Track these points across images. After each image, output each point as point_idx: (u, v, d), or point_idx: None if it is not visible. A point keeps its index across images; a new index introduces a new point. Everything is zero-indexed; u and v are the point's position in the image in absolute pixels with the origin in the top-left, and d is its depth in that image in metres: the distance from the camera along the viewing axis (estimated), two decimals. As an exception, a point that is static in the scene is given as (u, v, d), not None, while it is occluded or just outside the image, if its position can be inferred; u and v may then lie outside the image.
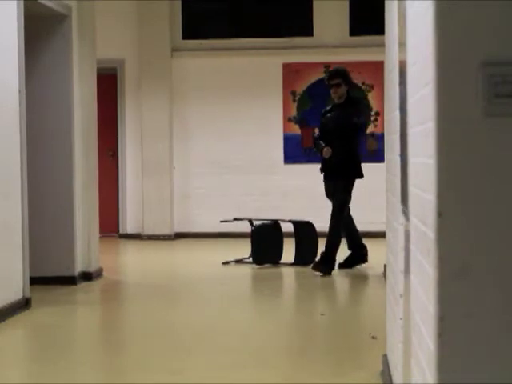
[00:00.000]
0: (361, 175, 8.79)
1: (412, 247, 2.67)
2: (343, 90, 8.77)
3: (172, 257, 10.85)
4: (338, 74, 8.80)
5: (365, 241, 11.23)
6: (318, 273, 8.30)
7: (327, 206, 11.98)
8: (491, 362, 1.97)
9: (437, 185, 1.99)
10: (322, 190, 12.42)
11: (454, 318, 1.97)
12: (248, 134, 12.27)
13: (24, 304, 6.76)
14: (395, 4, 3.69)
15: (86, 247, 8.35)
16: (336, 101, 8.86)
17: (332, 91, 8.82)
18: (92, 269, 8.38)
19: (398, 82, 3.50)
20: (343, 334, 5.90)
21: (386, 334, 4.49)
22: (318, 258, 8.62)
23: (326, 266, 8.40)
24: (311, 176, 12.04)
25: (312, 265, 8.48)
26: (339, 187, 8.73)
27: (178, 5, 12.43)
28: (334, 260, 8.48)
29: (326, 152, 8.66)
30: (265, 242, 9.19)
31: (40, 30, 7.98)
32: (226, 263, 9.36)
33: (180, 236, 12.33)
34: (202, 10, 12.52)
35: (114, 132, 12.57)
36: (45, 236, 7.91)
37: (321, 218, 10.99)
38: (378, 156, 11.68)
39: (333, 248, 8.47)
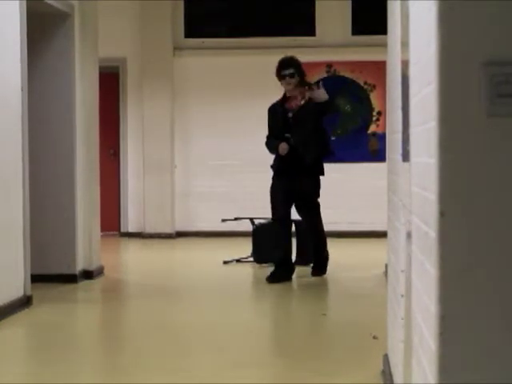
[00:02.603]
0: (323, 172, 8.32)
1: (413, 247, 2.67)
2: (296, 80, 8.13)
3: (173, 256, 10.86)
4: (291, 64, 8.16)
5: (366, 240, 11.27)
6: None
7: (328, 205, 12.00)
8: (492, 361, 1.97)
9: (439, 184, 1.99)
10: (323, 189, 12.45)
11: (455, 317, 1.97)
12: (249, 132, 12.26)
13: (25, 302, 6.77)
14: (397, 4, 3.69)
15: (88, 245, 8.35)
16: (288, 94, 8.22)
17: (284, 83, 8.16)
18: (93, 267, 8.38)
19: (400, 81, 3.50)
20: (344, 333, 5.90)
21: (387, 334, 4.49)
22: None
23: (323, 268, 8.35)
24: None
25: (312, 273, 8.36)
26: (312, 185, 8.20)
27: (180, 4, 12.44)
28: (327, 258, 8.41)
29: (283, 149, 7.98)
30: (266, 241, 9.18)
31: (42, 28, 7.98)
32: (226, 262, 9.37)
33: (181, 235, 12.33)
34: (204, 9, 12.53)
35: (115, 131, 12.57)
36: (46, 234, 7.91)
37: (322, 217, 10.99)
38: (379, 156, 11.68)
39: (325, 248, 8.39)
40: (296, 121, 8.10)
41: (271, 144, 8.21)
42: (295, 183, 8.10)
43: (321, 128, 8.28)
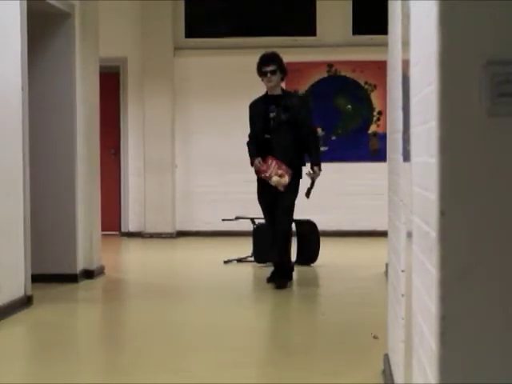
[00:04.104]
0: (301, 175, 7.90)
1: (414, 246, 2.67)
2: (278, 77, 7.83)
3: (174, 255, 10.86)
4: (274, 60, 7.82)
5: (367, 240, 11.28)
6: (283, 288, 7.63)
7: (329, 205, 12.01)
8: (493, 361, 1.97)
9: (439, 184, 1.99)
10: (323, 189, 12.44)
11: (455, 317, 1.97)
12: (250, 132, 12.26)
13: (25, 301, 6.77)
14: (398, 4, 3.69)
15: (88, 245, 8.35)
16: (269, 92, 7.89)
17: (266, 79, 7.81)
18: (94, 267, 8.38)
19: (400, 81, 3.50)
20: (344, 333, 5.90)
21: (388, 334, 4.49)
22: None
23: (287, 278, 7.80)
24: (313, 175, 12.04)
25: (276, 286, 7.65)
26: (290, 187, 7.73)
27: (181, 4, 12.44)
28: (291, 266, 7.97)
29: (257, 165, 7.75)
30: (266, 240, 9.18)
31: (43, 28, 7.99)
32: (227, 262, 9.37)
33: (182, 234, 12.33)
34: (204, 9, 12.53)
35: (116, 130, 12.58)
36: (47, 234, 7.92)
37: (322, 216, 11.00)
38: (380, 156, 11.68)
39: (288, 254, 7.88)
40: (277, 123, 7.79)
41: (249, 152, 7.97)
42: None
43: (300, 141, 7.85)
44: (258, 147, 7.89)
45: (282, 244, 7.79)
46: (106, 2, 10.09)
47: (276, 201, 7.82)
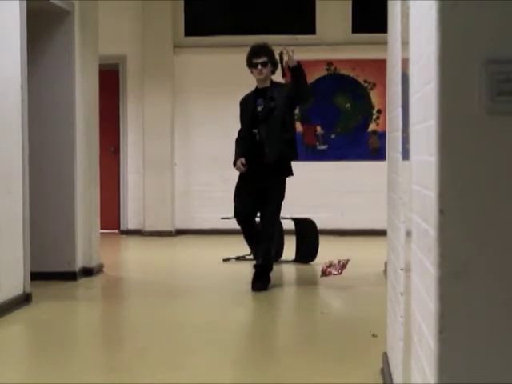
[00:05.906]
0: (292, 172, 7.66)
1: (413, 245, 2.67)
2: (269, 70, 7.58)
3: (173, 253, 10.85)
4: (265, 51, 7.62)
5: (367, 239, 11.27)
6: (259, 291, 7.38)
7: (328, 203, 12.01)
8: (492, 360, 1.97)
9: (438, 182, 1.99)
10: (323, 187, 12.44)
11: (454, 315, 1.97)
12: (250, 131, 12.25)
13: (24, 299, 6.77)
14: (398, 2, 3.69)
15: (87, 243, 8.35)
16: (259, 85, 7.71)
17: (256, 72, 7.61)
18: (93, 265, 8.39)
19: (400, 79, 3.50)
20: (343, 331, 5.90)
21: (387, 332, 4.49)
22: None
23: (265, 281, 7.54)
24: (312, 173, 12.05)
25: (257, 288, 7.40)
26: (277, 186, 7.53)
27: (181, 2, 12.44)
28: (271, 268, 7.68)
29: (239, 167, 7.53)
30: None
31: (43, 26, 7.98)
32: (226, 260, 9.37)
33: (181, 232, 12.33)
34: (204, 7, 12.52)
35: (115, 128, 12.57)
36: (46, 231, 7.91)
37: (322, 215, 11.00)
38: (379, 154, 11.68)
39: (271, 258, 7.69)
40: (265, 115, 7.55)
41: (235, 150, 7.74)
42: (261, 182, 7.52)
43: (290, 128, 7.61)
44: (246, 145, 7.63)
45: (268, 246, 7.64)
46: (105, 1, 10.08)
47: (262, 203, 7.63)
